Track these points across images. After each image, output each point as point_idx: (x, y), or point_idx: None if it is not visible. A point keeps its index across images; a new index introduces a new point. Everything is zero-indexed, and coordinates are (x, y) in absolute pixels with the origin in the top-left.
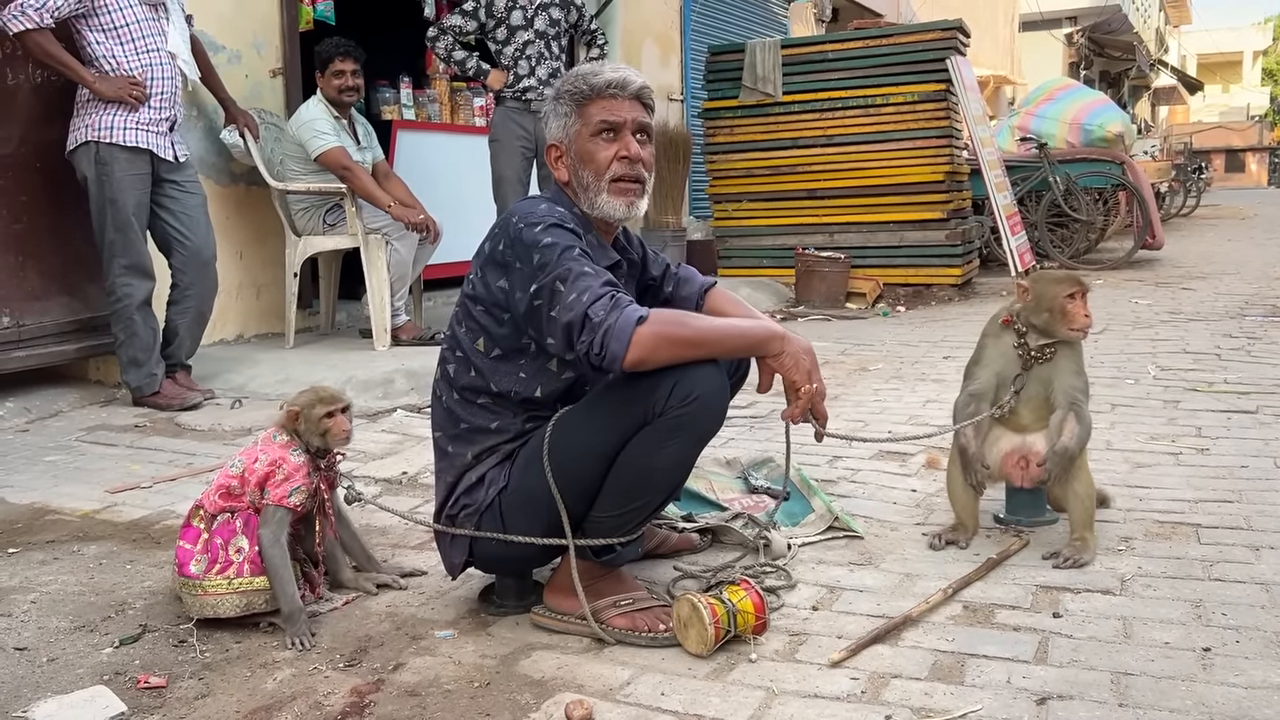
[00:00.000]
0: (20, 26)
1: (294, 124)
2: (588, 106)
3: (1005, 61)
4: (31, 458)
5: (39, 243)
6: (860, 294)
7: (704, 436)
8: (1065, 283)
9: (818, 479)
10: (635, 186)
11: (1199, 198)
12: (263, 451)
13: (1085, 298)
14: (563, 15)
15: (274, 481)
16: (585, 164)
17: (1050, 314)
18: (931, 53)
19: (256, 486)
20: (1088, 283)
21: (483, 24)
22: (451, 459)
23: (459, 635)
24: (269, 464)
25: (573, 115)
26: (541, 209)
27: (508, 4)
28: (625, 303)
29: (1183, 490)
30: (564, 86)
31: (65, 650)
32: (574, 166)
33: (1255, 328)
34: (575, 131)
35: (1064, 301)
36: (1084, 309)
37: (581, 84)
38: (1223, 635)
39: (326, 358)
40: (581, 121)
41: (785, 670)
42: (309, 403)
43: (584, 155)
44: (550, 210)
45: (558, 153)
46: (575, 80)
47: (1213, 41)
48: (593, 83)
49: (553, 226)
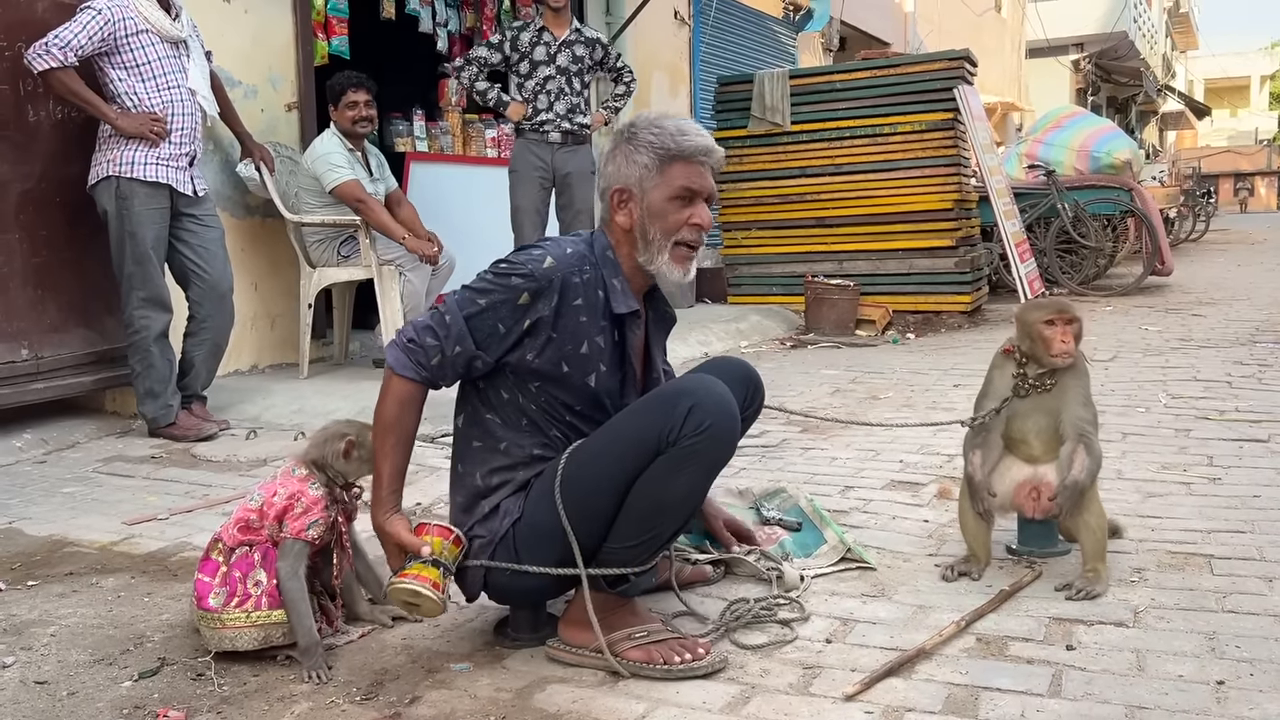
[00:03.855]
0: (45, 65)
1: (309, 158)
2: (671, 166)
3: (1012, 88)
4: (49, 489)
5: (58, 276)
6: (870, 321)
7: (717, 465)
8: (1044, 309)
9: (830, 510)
10: (693, 252)
11: (1208, 223)
12: (281, 485)
13: (1067, 324)
14: (587, 53)
15: (292, 514)
16: (655, 221)
17: (1033, 341)
18: (939, 82)
19: (275, 520)
20: (1070, 310)
21: (507, 57)
22: (461, 478)
23: (474, 668)
24: (288, 497)
25: (653, 169)
26: (545, 262)
27: (532, 39)
28: (416, 359)
29: (1195, 520)
30: (645, 135)
31: (85, 684)
32: (642, 219)
33: (1267, 355)
34: (653, 185)
35: (1042, 328)
36: (1061, 335)
37: (670, 142)
38: (1237, 668)
39: (340, 388)
40: (662, 179)
41: (799, 704)
42: (362, 433)
43: (656, 212)
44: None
45: (625, 198)
46: (660, 134)
47: (1220, 66)
48: (682, 144)
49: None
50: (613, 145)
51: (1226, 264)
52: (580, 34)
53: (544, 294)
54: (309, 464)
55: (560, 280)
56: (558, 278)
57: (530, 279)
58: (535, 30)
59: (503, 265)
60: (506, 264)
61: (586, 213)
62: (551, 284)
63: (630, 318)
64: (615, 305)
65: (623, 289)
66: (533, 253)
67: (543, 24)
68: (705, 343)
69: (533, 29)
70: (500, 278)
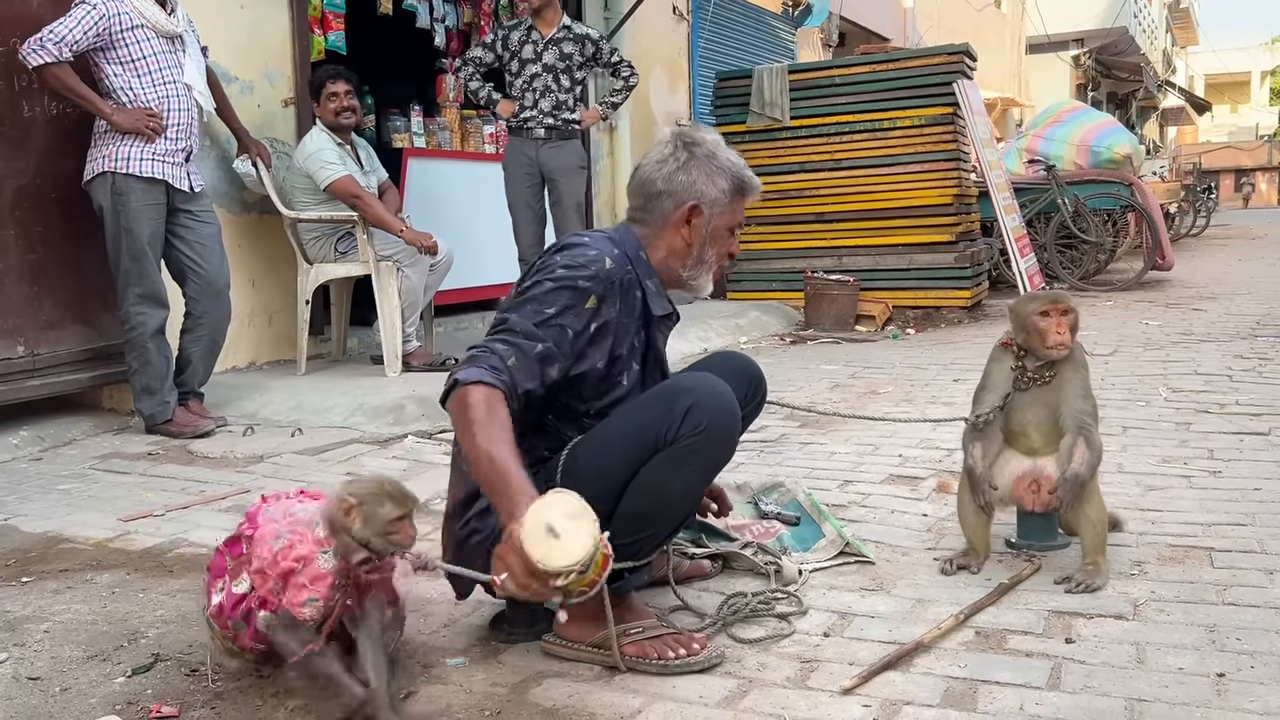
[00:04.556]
0: (40, 60)
1: (300, 156)
2: (740, 200)
3: (1012, 84)
4: (45, 486)
5: (54, 273)
6: (870, 316)
7: (716, 464)
8: (1038, 301)
9: (828, 504)
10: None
11: (1208, 218)
12: (299, 539)
13: (1062, 315)
14: (576, 49)
15: (294, 582)
16: (714, 244)
17: (1028, 334)
18: (938, 77)
19: (279, 577)
20: (1064, 301)
21: (499, 55)
22: (465, 476)
23: (470, 663)
24: (296, 559)
25: (727, 197)
26: (606, 263)
27: (521, 38)
28: (487, 363)
29: (1195, 513)
30: (725, 162)
31: (78, 680)
32: (704, 239)
33: (1267, 348)
34: (721, 211)
35: (1037, 320)
36: (1056, 326)
37: (744, 176)
38: (1237, 660)
39: (338, 384)
40: (730, 209)
41: (797, 698)
42: (374, 498)
43: (717, 237)
44: (604, 259)
45: (697, 216)
46: (737, 167)
47: (1220, 62)
48: (751, 183)
49: (569, 285)
50: (686, 156)
51: (1227, 259)
52: (570, 31)
53: (609, 297)
54: (329, 523)
55: (619, 282)
56: (618, 279)
57: (596, 281)
58: (525, 29)
59: (561, 270)
60: (566, 268)
61: (575, 208)
62: (614, 285)
63: (663, 320)
64: (653, 307)
65: (657, 290)
66: (588, 253)
67: (532, 23)
68: (705, 338)
69: (522, 28)
70: (564, 283)
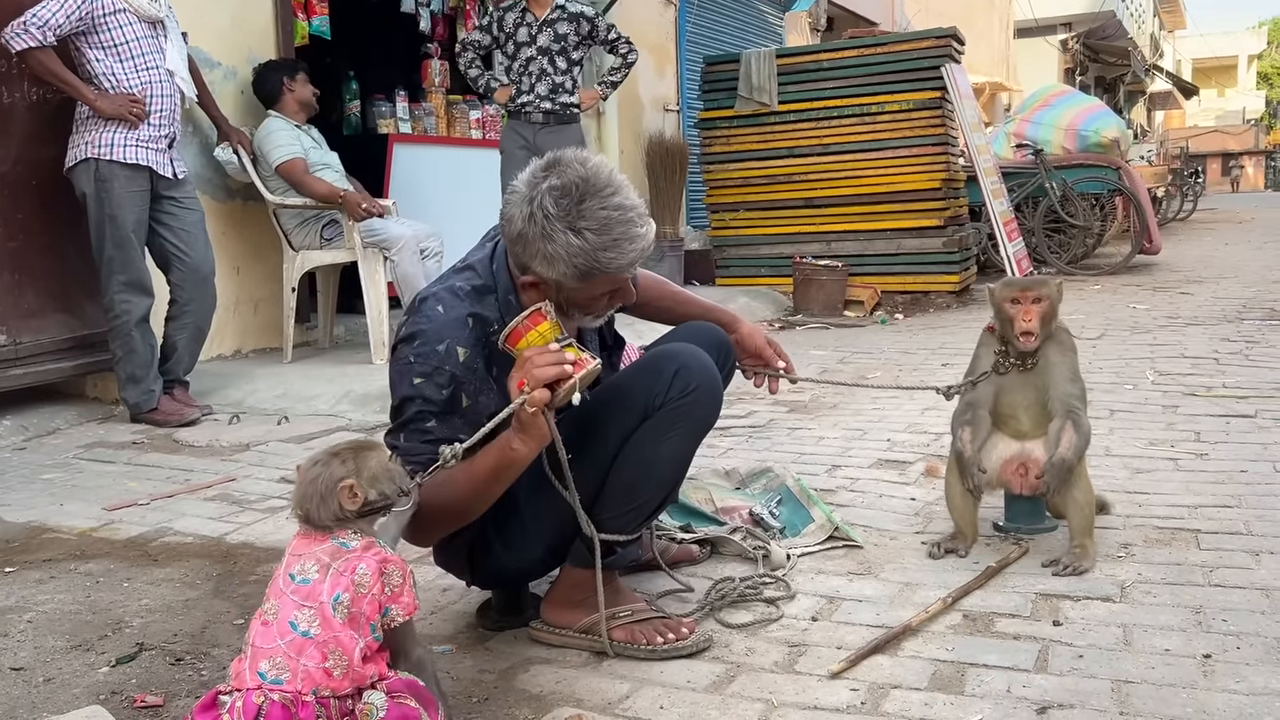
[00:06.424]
0: (23, 45)
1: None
2: (597, 280)
3: (1000, 68)
4: (29, 476)
5: (35, 260)
6: (858, 302)
7: (703, 426)
8: (1011, 287)
9: (817, 489)
10: None
11: (1195, 202)
12: (343, 572)
13: (1032, 303)
14: (571, 29)
15: (394, 591)
16: (574, 305)
17: (1001, 321)
18: (926, 61)
19: (378, 612)
20: (1035, 288)
21: (495, 38)
22: None
23: (457, 650)
24: (375, 575)
25: (573, 281)
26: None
27: (515, 20)
28: (416, 458)
29: (1182, 496)
30: (562, 247)
31: (62, 670)
32: (556, 299)
33: (1253, 331)
34: (573, 288)
35: (1008, 307)
36: (1024, 315)
37: (589, 263)
38: (1223, 641)
39: (324, 372)
40: (584, 285)
41: (784, 681)
42: (342, 464)
43: (577, 302)
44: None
45: (541, 290)
46: (583, 251)
47: (1208, 46)
48: (607, 264)
49: (422, 397)
50: (526, 215)
51: (1214, 243)
52: (564, 10)
53: (467, 381)
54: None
55: (477, 367)
56: (453, 358)
57: (448, 377)
58: (519, 11)
59: (417, 379)
60: (420, 376)
61: None
62: (473, 371)
63: None
64: None
65: None
66: (436, 347)
67: (525, 4)
68: None
69: (516, 10)
70: (419, 393)
